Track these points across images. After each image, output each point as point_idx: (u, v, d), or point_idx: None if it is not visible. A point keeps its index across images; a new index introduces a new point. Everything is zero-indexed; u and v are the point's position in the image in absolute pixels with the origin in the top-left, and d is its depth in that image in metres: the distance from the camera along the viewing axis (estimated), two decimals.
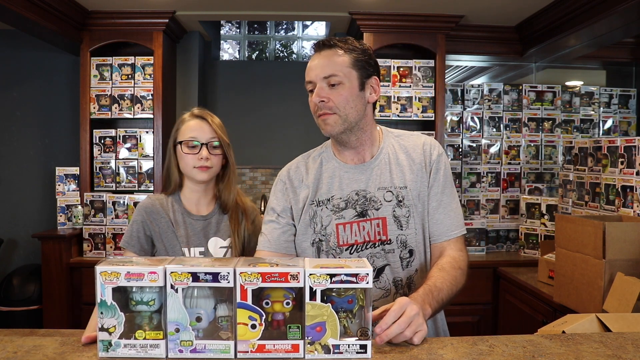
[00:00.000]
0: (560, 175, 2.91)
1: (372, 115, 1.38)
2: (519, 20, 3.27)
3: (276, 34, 4.71)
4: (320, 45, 1.32)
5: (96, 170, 3.25)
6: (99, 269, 0.89)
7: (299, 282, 0.89)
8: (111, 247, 3.13)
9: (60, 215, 3.26)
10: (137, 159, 3.26)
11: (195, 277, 0.89)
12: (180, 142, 1.54)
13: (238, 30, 4.73)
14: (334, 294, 0.90)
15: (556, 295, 2.17)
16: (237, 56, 4.85)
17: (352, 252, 1.33)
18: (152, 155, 3.25)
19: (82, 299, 3.04)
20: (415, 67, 3.26)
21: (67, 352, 0.97)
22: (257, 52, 4.88)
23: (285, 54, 5.09)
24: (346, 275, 0.89)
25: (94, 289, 0.91)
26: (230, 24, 4.80)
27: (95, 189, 3.25)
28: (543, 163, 3.50)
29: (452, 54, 3.45)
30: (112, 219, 3.14)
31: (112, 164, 3.26)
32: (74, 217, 3.22)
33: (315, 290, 0.89)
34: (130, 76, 3.22)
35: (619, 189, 2.31)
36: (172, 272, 0.89)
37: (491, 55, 3.52)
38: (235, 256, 1.57)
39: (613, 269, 1.83)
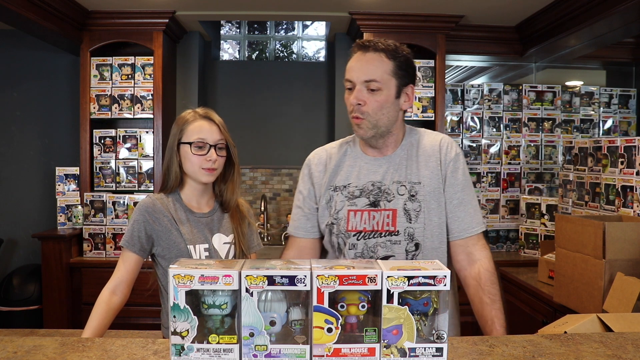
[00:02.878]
0: (560, 175, 2.91)
1: (402, 120, 1.44)
2: (519, 20, 3.27)
3: (276, 34, 4.70)
4: (367, 47, 1.34)
5: (96, 170, 3.25)
6: (171, 271, 0.87)
7: (376, 284, 0.87)
8: (111, 247, 3.13)
9: (60, 215, 3.26)
10: (137, 159, 3.26)
11: (271, 280, 0.87)
12: (189, 143, 1.53)
13: (238, 30, 4.73)
14: (409, 296, 0.89)
15: (556, 295, 2.17)
16: (237, 56, 4.84)
17: (359, 238, 1.38)
18: (152, 155, 3.25)
19: (82, 299, 3.03)
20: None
21: (67, 352, 0.97)
22: (257, 52, 4.87)
23: (285, 54, 5.08)
24: (424, 277, 0.87)
25: (94, 289, 0.90)
26: (230, 24, 4.79)
27: (95, 189, 3.24)
28: (543, 163, 3.49)
29: (452, 54, 3.45)
30: (112, 219, 3.14)
31: (112, 164, 3.25)
32: (74, 217, 3.22)
33: (393, 292, 0.88)
34: (130, 76, 3.22)
35: (619, 189, 2.31)
36: (247, 276, 0.86)
37: (491, 55, 3.52)
38: (238, 252, 1.60)
39: (613, 269, 1.83)
